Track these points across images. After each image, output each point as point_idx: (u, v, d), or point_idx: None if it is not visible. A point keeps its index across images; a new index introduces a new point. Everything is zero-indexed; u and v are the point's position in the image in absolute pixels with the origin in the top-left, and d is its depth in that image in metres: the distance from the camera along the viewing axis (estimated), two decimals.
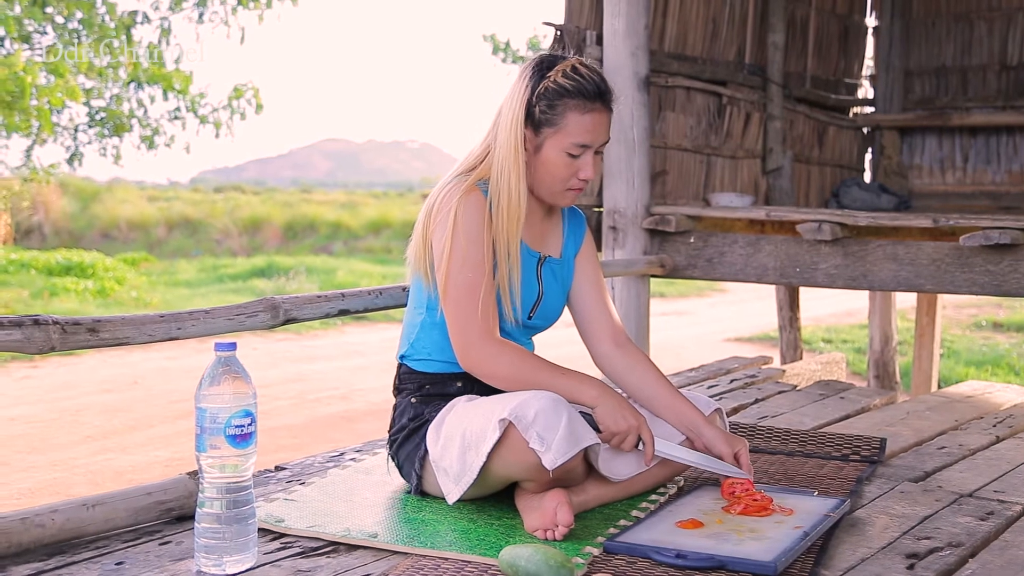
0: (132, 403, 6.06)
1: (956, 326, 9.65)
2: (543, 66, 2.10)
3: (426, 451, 2.11)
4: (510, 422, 1.91)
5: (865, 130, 6.06)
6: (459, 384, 2.18)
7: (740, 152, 4.87)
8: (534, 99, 2.08)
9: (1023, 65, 5.72)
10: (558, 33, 3.93)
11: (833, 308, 10.70)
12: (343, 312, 2.54)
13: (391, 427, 2.23)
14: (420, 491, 2.17)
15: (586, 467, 2.08)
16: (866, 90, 6.18)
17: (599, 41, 3.95)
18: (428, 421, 2.13)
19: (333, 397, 6.35)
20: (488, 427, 1.94)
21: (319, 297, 2.48)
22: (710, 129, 4.66)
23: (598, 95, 2.09)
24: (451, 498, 2.06)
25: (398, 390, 2.24)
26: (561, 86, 2.08)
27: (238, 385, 1.78)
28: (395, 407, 2.24)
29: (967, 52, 5.86)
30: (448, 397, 2.17)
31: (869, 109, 6.10)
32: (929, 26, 5.96)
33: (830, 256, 3.77)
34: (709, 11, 4.72)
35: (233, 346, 1.80)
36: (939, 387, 5.94)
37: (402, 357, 2.23)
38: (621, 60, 3.88)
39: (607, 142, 2.16)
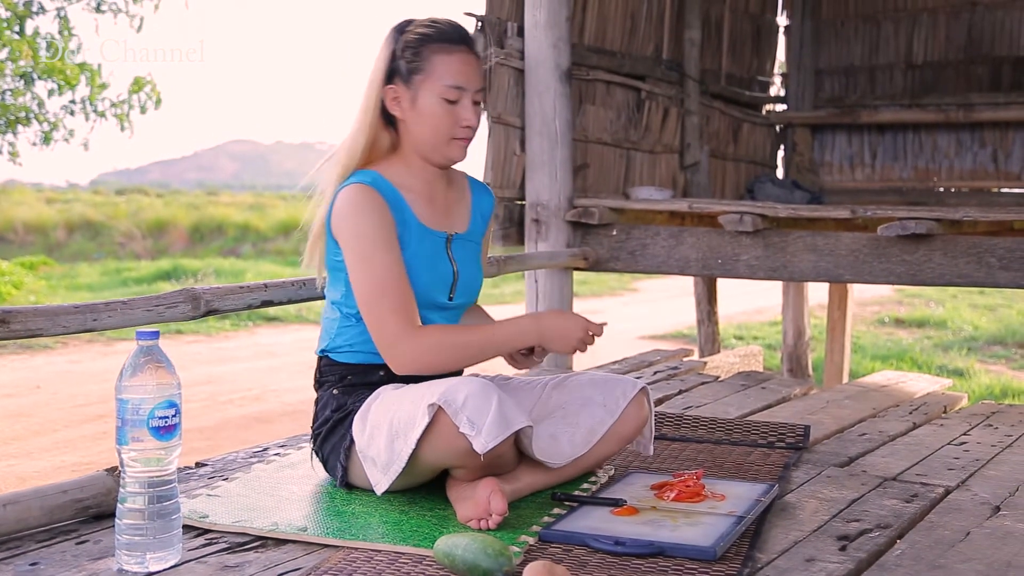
0: (35, 408, 5.82)
1: (861, 322, 9.90)
2: (401, 26, 2.13)
3: (352, 441, 2.05)
4: (439, 407, 1.87)
5: (778, 127, 6.18)
6: (381, 373, 2.13)
7: (659, 147, 4.90)
8: (398, 53, 2.09)
9: (928, 64, 5.90)
10: (479, 24, 3.89)
11: (743, 306, 10.88)
12: (266, 303, 2.46)
13: (314, 422, 2.17)
14: (346, 483, 2.11)
15: (517, 454, 2.05)
16: (778, 88, 6.30)
17: (520, 33, 3.93)
18: (352, 412, 2.08)
19: (246, 398, 6.21)
20: (417, 413, 1.90)
21: (241, 288, 2.41)
22: (629, 123, 4.68)
23: (460, 39, 2.12)
24: (379, 488, 2.01)
25: (319, 383, 2.19)
26: (421, 34, 2.10)
27: (161, 375, 1.70)
28: (317, 401, 2.18)
29: (875, 52, 6.01)
30: (371, 387, 2.12)
31: (781, 107, 6.21)
32: (838, 26, 6.10)
33: (751, 247, 3.81)
34: (627, 6, 4.74)
35: (156, 335, 1.72)
36: (849, 380, 6.06)
37: (323, 351, 2.18)
38: (543, 52, 3.86)
39: (482, 90, 2.16)
